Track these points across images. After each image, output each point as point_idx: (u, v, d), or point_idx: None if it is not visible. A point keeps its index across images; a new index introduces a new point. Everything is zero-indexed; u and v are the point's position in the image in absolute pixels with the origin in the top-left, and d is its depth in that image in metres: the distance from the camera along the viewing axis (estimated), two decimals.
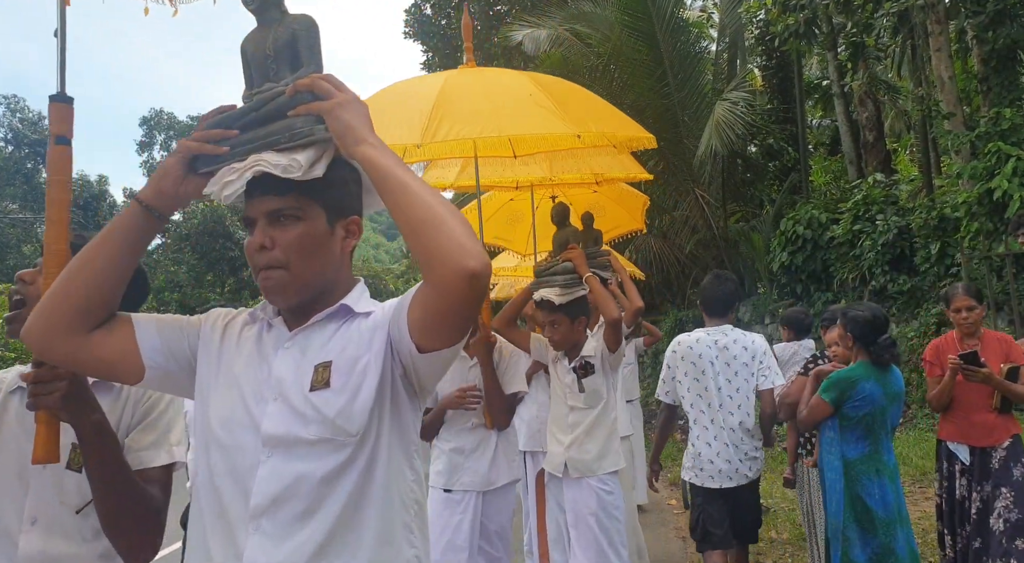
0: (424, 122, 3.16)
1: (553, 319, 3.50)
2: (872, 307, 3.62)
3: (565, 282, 3.52)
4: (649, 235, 14.91)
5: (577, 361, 3.54)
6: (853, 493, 3.45)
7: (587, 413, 3.51)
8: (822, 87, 17.89)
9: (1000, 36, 8.89)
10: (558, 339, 3.53)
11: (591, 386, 3.50)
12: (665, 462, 9.03)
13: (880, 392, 3.46)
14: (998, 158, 8.33)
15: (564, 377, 3.58)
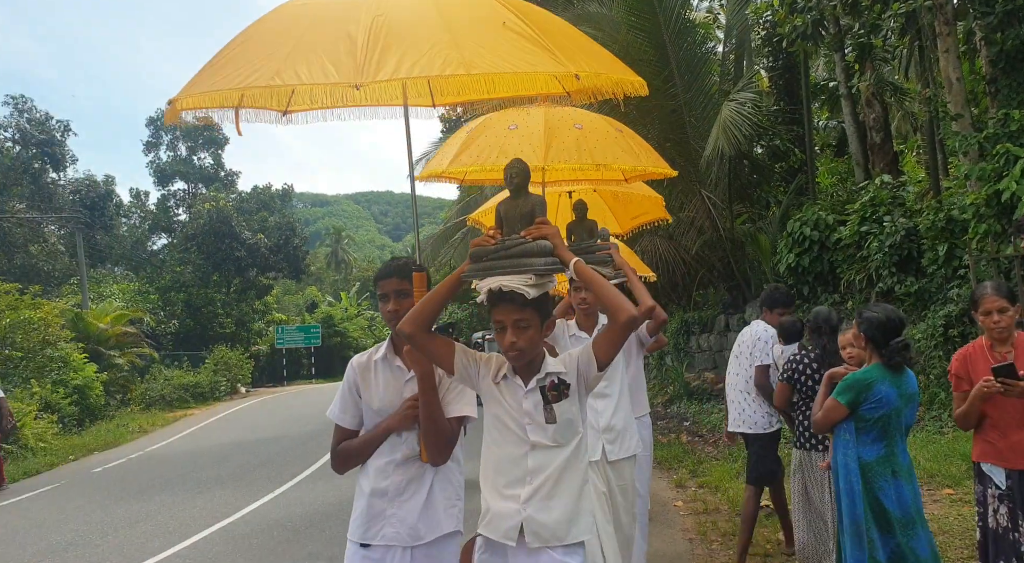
0: (358, 54, 2.38)
1: (521, 318, 2.45)
2: (887, 309, 3.54)
3: (545, 267, 2.48)
4: (655, 236, 14.89)
5: (545, 379, 2.51)
6: (871, 495, 3.44)
7: (556, 454, 2.49)
8: (829, 88, 17.84)
9: (1009, 37, 8.87)
10: (524, 346, 2.45)
11: (564, 415, 2.49)
12: (671, 464, 9.06)
13: (895, 393, 3.45)
14: (1006, 159, 8.31)
15: (521, 402, 2.50)
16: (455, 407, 2.68)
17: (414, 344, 2.50)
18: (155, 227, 42.64)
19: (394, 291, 2.68)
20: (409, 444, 2.68)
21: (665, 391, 15.77)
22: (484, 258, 2.48)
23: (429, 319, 2.47)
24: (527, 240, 2.47)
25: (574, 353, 2.55)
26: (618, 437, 4.02)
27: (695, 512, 6.69)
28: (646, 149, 4.51)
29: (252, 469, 11.63)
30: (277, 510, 8.49)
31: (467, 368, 2.54)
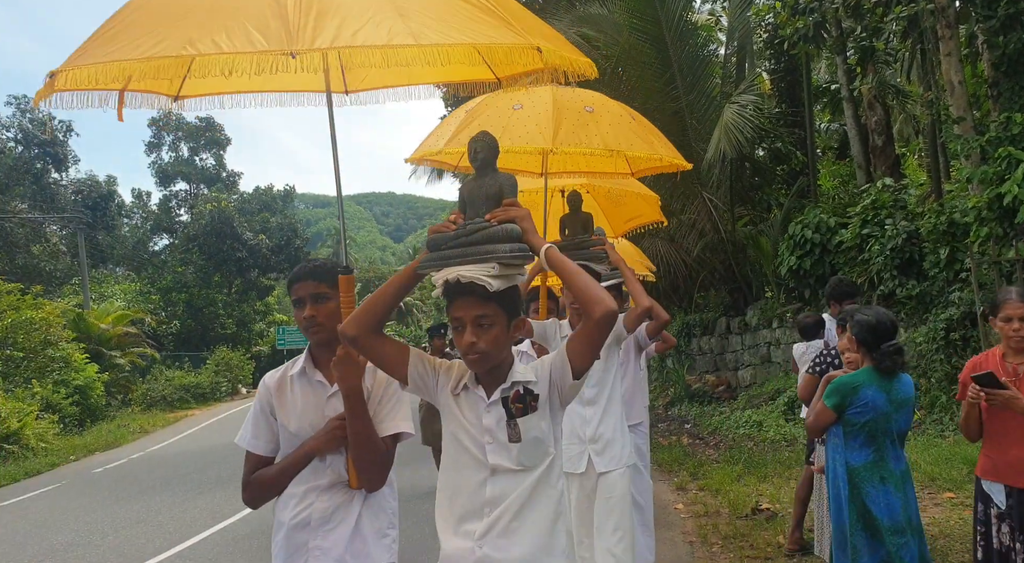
0: (290, 18, 2.07)
1: (482, 315, 2.05)
2: (878, 311, 3.46)
3: (511, 255, 2.07)
4: (656, 238, 14.89)
5: (510, 389, 2.12)
6: (859, 500, 3.38)
7: (520, 479, 2.08)
8: (830, 91, 17.84)
9: (1011, 41, 8.86)
10: (486, 348, 2.05)
11: (531, 432, 2.08)
12: (672, 467, 9.06)
13: (883, 398, 3.36)
14: (1008, 163, 8.29)
15: (481, 417, 2.11)
16: (389, 423, 2.36)
17: (359, 348, 2.14)
18: (157, 227, 42.67)
19: (310, 295, 2.38)
20: (335, 468, 2.35)
21: (666, 393, 15.77)
22: (443, 246, 2.12)
23: (377, 319, 2.13)
24: (491, 224, 2.10)
25: (547, 359, 2.18)
26: (606, 447, 3.77)
27: (696, 515, 6.69)
28: (661, 138, 4.24)
29: None
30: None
31: (423, 377, 2.17)
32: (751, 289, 15.25)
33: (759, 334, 13.88)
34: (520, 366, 2.19)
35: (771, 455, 8.87)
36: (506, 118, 3.71)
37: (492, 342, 2.06)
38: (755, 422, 10.83)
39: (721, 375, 14.95)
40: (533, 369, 2.17)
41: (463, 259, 2.06)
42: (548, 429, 2.13)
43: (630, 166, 4.48)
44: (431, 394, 2.19)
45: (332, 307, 2.37)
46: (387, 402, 2.39)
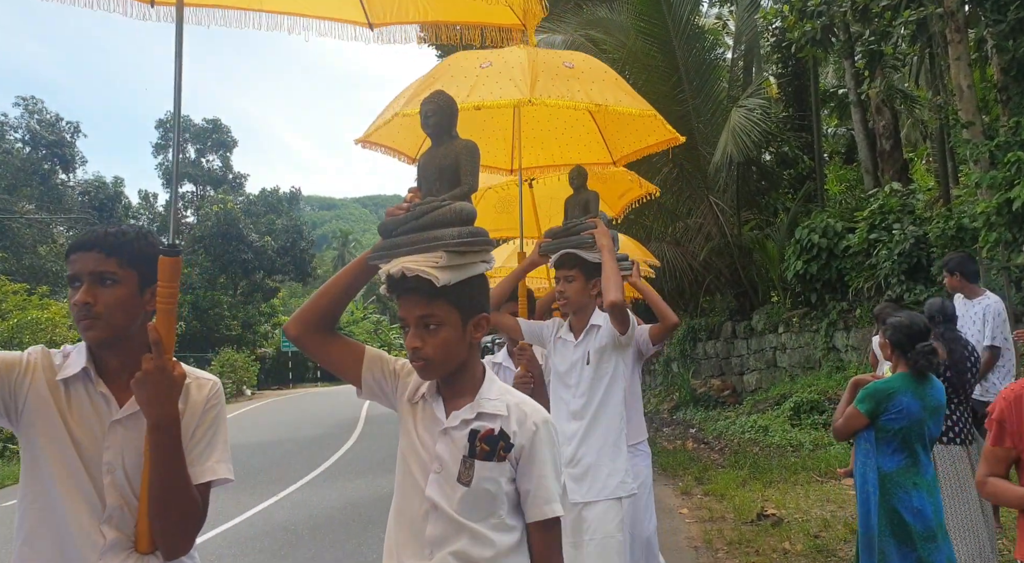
0: None
1: (427, 314, 1.72)
2: (911, 314, 3.53)
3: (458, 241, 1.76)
4: (662, 242, 14.85)
5: (478, 421, 1.75)
6: (889, 506, 3.36)
7: (458, 531, 1.72)
8: (838, 95, 17.78)
9: (1021, 45, 8.80)
10: (431, 355, 1.72)
11: (484, 483, 1.71)
12: (676, 471, 9.00)
13: (918, 405, 3.37)
14: (1018, 168, 8.23)
15: (436, 439, 1.76)
16: (204, 466, 1.74)
17: (303, 349, 1.86)
18: (164, 229, 42.78)
19: (89, 273, 1.67)
20: (119, 524, 1.67)
21: (671, 397, 15.71)
22: (394, 232, 1.80)
23: (323, 316, 1.83)
24: (442, 203, 1.78)
25: (529, 410, 1.78)
26: (587, 473, 3.15)
27: (700, 520, 6.64)
28: (648, 105, 3.68)
29: (257, 472, 11.60)
30: (281, 513, 8.46)
31: (380, 382, 1.85)
32: (757, 294, 15.19)
33: (765, 339, 13.83)
34: (496, 389, 1.81)
35: (777, 460, 8.81)
36: (473, 77, 3.24)
37: (440, 347, 1.71)
38: (761, 427, 10.77)
39: (726, 379, 14.89)
40: (512, 406, 1.77)
41: (408, 248, 1.75)
42: (506, 495, 1.74)
43: (612, 155, 4.11)
44: (389, 401, 1.88)
45: (120, 295, 1.69)
46: (202, 436, 1.77)
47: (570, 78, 3.33)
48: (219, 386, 1.88)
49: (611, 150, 4.07)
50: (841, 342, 11.78)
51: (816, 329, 12.31)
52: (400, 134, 3.56)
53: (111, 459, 1.68)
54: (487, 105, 3.16)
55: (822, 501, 6.70)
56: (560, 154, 4.15)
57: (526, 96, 3.11)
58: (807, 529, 5.82)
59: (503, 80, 3.18)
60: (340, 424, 17.61)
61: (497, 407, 1.76)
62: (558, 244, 3.41)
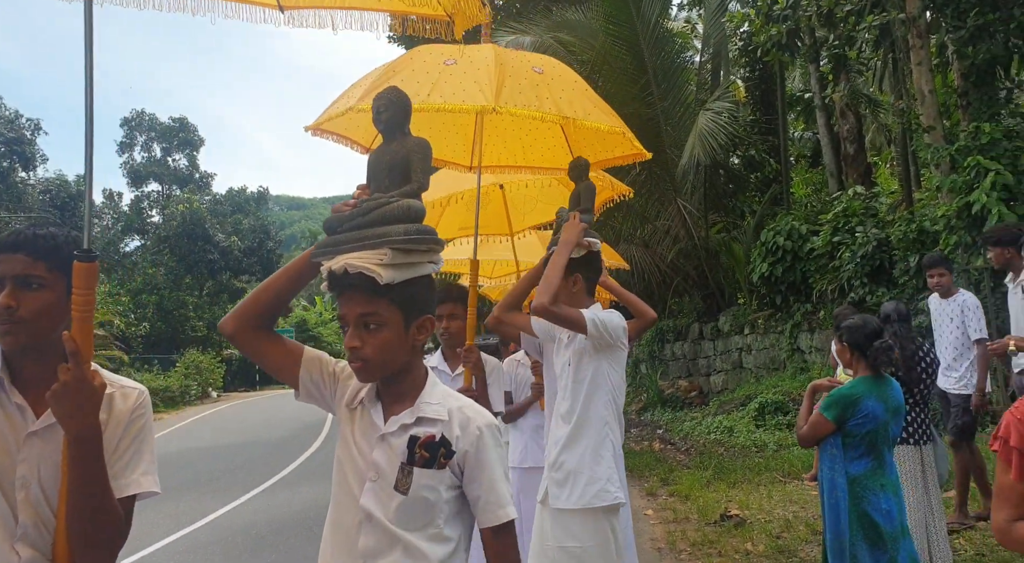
0: None
1: (368, 312, 1.66)
2: (863, 315, 3.57)
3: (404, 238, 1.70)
4: (631, 244, 14.90)
5: (417, 426, 1.68)
6: (860, 510, 3.35)
7: (393, 544, 1.65)
8: (804, 100, 18.01)
9: (980, 51, 8.97)
10: (371, 356, 1.66)
11: (421, 491, 1.65)
12: (643, 472, 9.01)
13: (882, 408, 3.38)
14: (977, 172, 8.38)
15: (372, 445, 1.69)
16: (128, 479, 1.64)
17: (239, 347, 1.78)
18: (128, 229, 42.10)
19: (14, 276, 1.59)
20: (35, 541, 1.58)
21: (639, 398, 15.76)
22: (338, 229, 1.75)
23: (262, 314, 1.76)
24: (390, 200, 1.73)
25: (472, 414, 1.72)
26: (567, 480, 3.02)
27: (665, 521, 6.64)
28: (617, 118, 3.51)
29: (219, 475, 11.41)
30: (242, 517, 8.31)
31: (319, 384, 1.77)
32: (724, 295, 15.30)
33: (731, 340, 13.92)
34: (437, 393, 1.75)
35: (741, 461, 8.86)
36: (436, 73, 3.05)
37: (380, 347, 1.64)
38: (726, 428, 10.83)
39: (693, 381, 14.98)
40: (454, 410, 1.71)
41: (352, 244, 1.70)
42: (445, 504, 1.67)
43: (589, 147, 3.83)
44: (328, 405, 1.80)
45: (47, 300, 1.61)
46: (127, 448, 1.66)
47: (539, 85, 3.17)
48: (146, 395, 1.77)
49: (575, 154, 3.84)
50: (805, 343, 11.90)
51: (781, 331, 12.42)
52: (354, 123, 3.41)
53: (26, 473, 1.58)
54: (448, 108, 3.02)
55: (785, 502, 6.73)
56: (523, 156, 3.99)
57: (490, 103, 2.93)
58: (769, 530, 5.84)
59: (467, 81, 3.01)
60: (306, 427, 17.40)
61: (438, 412, 1.70)
62: (554, 241, 3.38)
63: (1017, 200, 8.27)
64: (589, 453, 3.02)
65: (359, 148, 3.44)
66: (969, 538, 5.14)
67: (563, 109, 3.12)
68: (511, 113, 3.07)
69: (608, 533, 3.01)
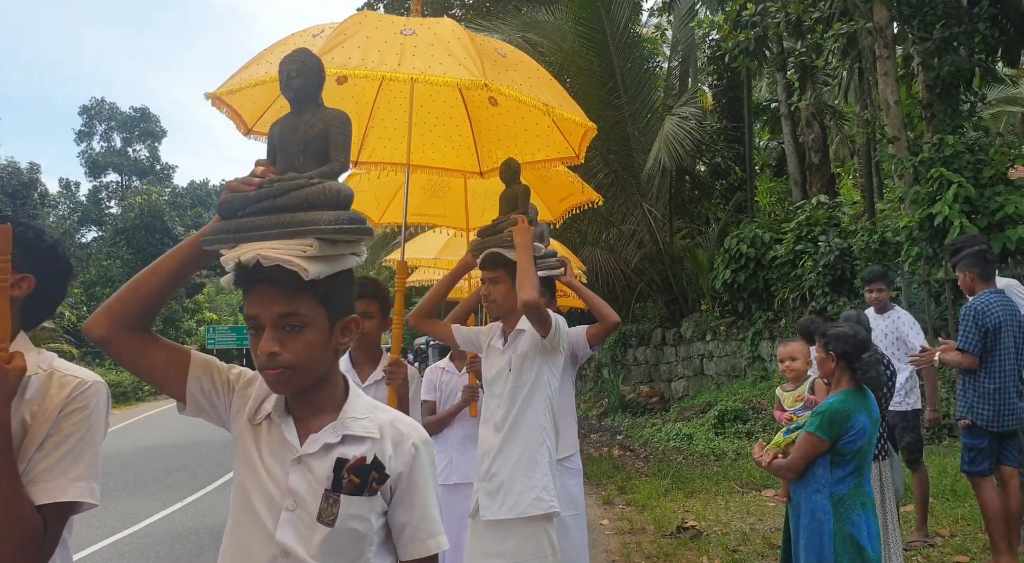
0: None
1: (288, 313, 1.42)
2: (852, 325, 3.29)
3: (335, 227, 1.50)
4: (596, 247, 14.80)
5: (343, 445, 1.45)
6: (845, 533, 3.10)
7: None
8: (770, 109, 18.12)
9: (945, 63, 8.99)
10: (292, 361, 1.43)
11: (350, 521, 1.42)
12: (600, 480, 8.86)
13: (869, 422, 3.17)
14: (940, 184, 8.39)
15: (288, 470, 1.45)
16: (52, 484, 1.45)
17: (111, 353, 1.49)
18: (85, 219, 41.17)
19: None
20: None
21: (600, 403, 15.65)
22: (240, 212, 1.47)
23: (140, 313, 1.49)
24: (310, 181, 1.49)
25: (405, 429, 1.51)
26: (499, 490, 2.90)
27: (620, 532, 6.48)
28: (577, 109, 3.26)
29: (163, 475, 11.03)
30: (184, 520, 7.98)
31: (210, 395, 1.53)
32: (687, 301, 15.27)
33: (693, 346, 13.88)
34: (363, 405, 1.52)
35: (699, 470, 8.76)
36: (397, 43, 2.72)
37: (303, 352, 1.41)
38: (685, 435, 10.74)
39: (655, 386, 14.91)
40: (385, 424, 1.49)
41: (266, 231, 1.43)
42: (375, 534, 1.45)
43: (481, 163, 3.69)
44: (220, 419, 1.54)
45: None
46: (56, 447, 1.46)
47: (508, 68, 2.93)
48: (90, 387, 1.54)
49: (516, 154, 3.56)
50: (766, 351, 11.88)
51: (742, 338, 12.39)
52: (251, 97, 2.98)
53: None
54: (428, 80, 2.69)
55: (742, 513, 6.62)
56: (442, 155, 3.73)
57: (478, 78, 2.62)
58: (726, 543, 5.71)
59: (440, 54, 2.70)
60: None
61: (367, 428, 1.46)
62: (486, 243, 3.15)
63: (979, 213, 8.30)
64: (524, 461, 2.91)
65: (242, 127, 3.04)
66: (927, 555, 5.05)
67: (539, 95, 2.92)
68: (501, 92, 2.79)
69: (546, 543, 2.90)
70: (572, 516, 3.74)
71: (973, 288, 4.59)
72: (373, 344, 3.14)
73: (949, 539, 5.18)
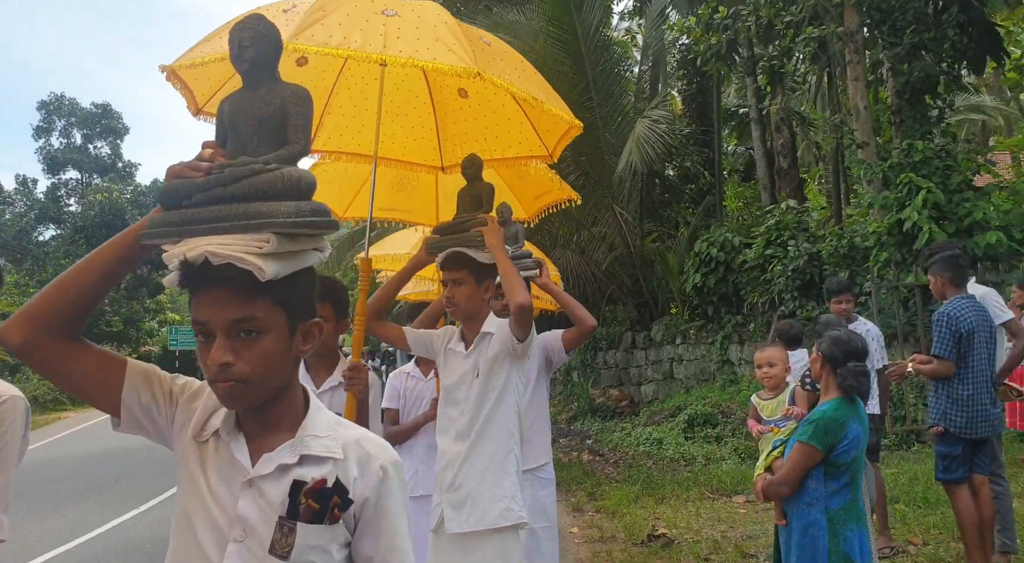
0: None
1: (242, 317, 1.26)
2: (851, 332, 3.21)
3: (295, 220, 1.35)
4: (567, 250, 14.71)
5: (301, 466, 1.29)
6: (840, 551, 2.95)
7: None
8: (739, 115, 18.20)
9: (915, 69, 9.04)
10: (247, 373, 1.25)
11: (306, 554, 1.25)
12: (570, 486, 8.73)
13: (861, 430, 3.04)
14: (909, 189, 8.41)
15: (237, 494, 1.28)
16: None
17: (33, 364, 1.32)
18: (43, 217, 40.14)
19: None
20: None
21: (570, 407, 15.55)
22: (185, 202, 1.31)
23: (68, 317, 1.31)
24: (266, 166, 1.31)
25: (373, 449, 1.33)
26: (465, 501, 2.77)
27: (590, 540, 6.36)
28: (563, 105, 3.10)
29: (116, 481, 10.69)
30: (138, 529, 7.70)
31: (150, 409, 1.35)
32: (657, 305, 15.24)
33: (663, 350, 13.84)
34: (325, 421, 1.35)
35: (669, 475, 8.67)
36: (379, 24, 2.54)
37: (261, 361, 1.24)
38: (655, 439, 10.67)
39: (625, 390, 14.84)
40: (342, 444, 1.31)
41: (216, 224, 1.26)
42: None
43: (446, 156, 3.51)
44: (161, 435, 1.37)
45: None
46: None
47: (495, 58, 2.77)
48: (4, 402, 1.41)
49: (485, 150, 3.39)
50: (735, 355, 11.86)
51: (712, 342, 12.37)
52: (207, 74, 2.73)
53: None
54: (419, 65, 2.56)
55: (713, 520, 6.53)
56: (401, 148, 3.53)
57: (470, 66, 2.43)
58: (697, 551, 5.61)
59: (427, 39, 2.52)
60: None
61: (329, 447, 1.29)
62: (445, 242, 2.97)
63: (947, 219, 8.33)
64: (492, 469, 2.80)
65: (192, 107, 2.80)
66: None
67: (528, 89, 2.75)
68: (494, 82, 2.60)
69: (514, 555, 2.79)
70: (544, 528, 3.64)
71: (944, 293, 4.54)
72: (328, 348, 2.93)
73: (922, 548, 5.13)
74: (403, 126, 3.50)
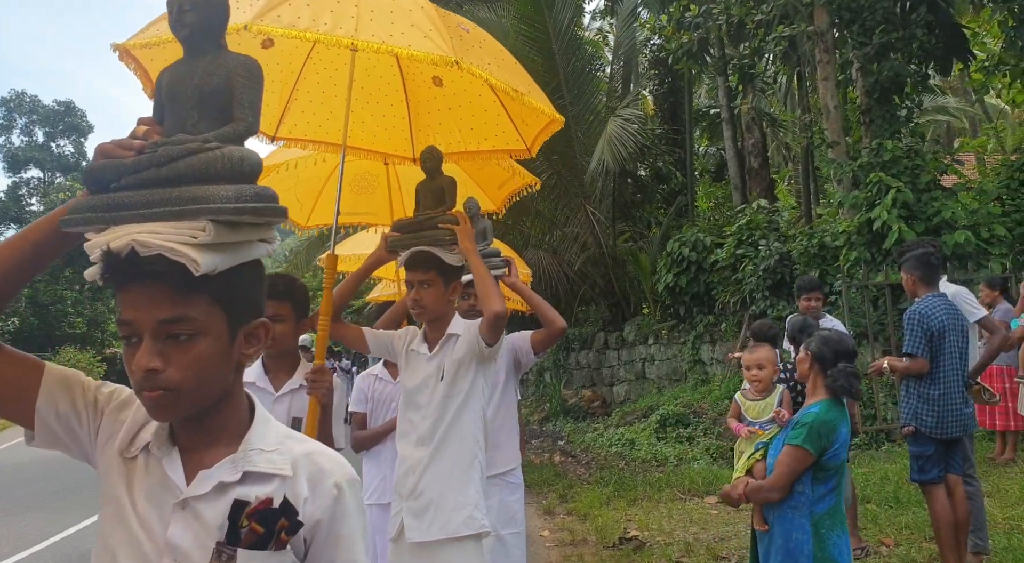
0: None
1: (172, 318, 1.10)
2: (842, 333, 3.14)
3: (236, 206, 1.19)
4: (539, 250, 14.63)
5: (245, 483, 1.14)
6: (825, 555, 2.85)
7: None
8: (710, 116, 18.26)
9: (884, 69, 9.07)
10: (177, 380, 1.10)
11: None
12: (541, 488, 8.63)
13: (847, 432, 2.96)
14: (878, 189, 8.43)
15: (168, 516, 1.12)
16: None
17: None
18: (3, 216, 39.22)
19: None
20: None
21: (542, 408, 15.46)
22: (112, 185, 1.15)
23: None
24: (206, 144, 1.16)
25: (327, 465, 1.19)
26: (427, 509, 2.66)
27: (561, 543, 6.25)
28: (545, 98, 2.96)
29: (75, 489, 10.36)
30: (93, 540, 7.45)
31: (68, 420, 1.20)
32: (629, 305, 15.21)
33: (635, 350, 13.80)
34: (273, 433, 1.20)
35: (642, 476, 8.60)
36: (352, 7, 2.39)
37: (193, 368, 1.10)
38: (628, 440, 10.61)
39: (597, 390, 14.78)
40: (291, 459, 1.16)
41: (145, 210, 1.10)
42: None
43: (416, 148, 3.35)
44: (82, 450, 1.21)
45: None
46: None
47: (473, 46, 2.64)
48: None
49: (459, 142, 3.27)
50: (707, 355, 11.85)
51: (684, 341, 12.35)
52: (163, 54, 2.48)
53: None
54: (394, 52, 2.42)
55: (685, 522, 6.46)
56: (371, 138, 3.37)
57: (448, 54, 2.30)
58: (669, 554, 5.52)
59: (401, 23, 2.39)
60: None
61: (276, 463, 1.14)
62: (407, 240, 2.82)
63: (916, 218, 8.36)
64: (456, 476, 2.70)
65: (148, 88, 2.53)
66: None
67: (509, 80, 2.62)
68: (472, 73, 2.46)
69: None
70: (512, 534, 3.52)
71: (915, 291, 4.50)
72: (287, 350, 2.75)
73: (895, 549, 5.09)
74: (374, 114, 3.35)
